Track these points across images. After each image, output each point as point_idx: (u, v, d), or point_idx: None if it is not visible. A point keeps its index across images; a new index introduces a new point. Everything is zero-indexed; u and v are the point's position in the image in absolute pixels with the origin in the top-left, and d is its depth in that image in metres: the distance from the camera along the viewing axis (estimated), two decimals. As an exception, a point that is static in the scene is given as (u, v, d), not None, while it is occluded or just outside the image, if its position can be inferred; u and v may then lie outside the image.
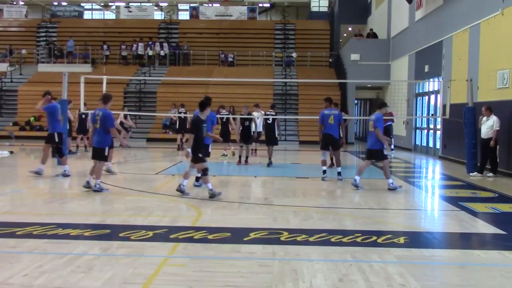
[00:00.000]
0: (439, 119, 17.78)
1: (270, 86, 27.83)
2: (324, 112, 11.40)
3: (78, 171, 11.96)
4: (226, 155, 16.29)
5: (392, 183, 9.87)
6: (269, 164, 13.84)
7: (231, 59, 31.24)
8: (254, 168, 13.59)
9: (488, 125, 12.32)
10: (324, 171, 11.40)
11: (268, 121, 14.20)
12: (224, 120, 15.96)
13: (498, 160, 12.67)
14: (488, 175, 12.44)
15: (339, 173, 11.33)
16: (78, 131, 18.12)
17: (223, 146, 16.26)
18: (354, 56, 26.61)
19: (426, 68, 19.74)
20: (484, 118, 12.46)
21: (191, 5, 38.14)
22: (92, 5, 42.18)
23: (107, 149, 9.39)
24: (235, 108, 18.28)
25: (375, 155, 10.12)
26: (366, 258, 5.29)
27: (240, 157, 14.35)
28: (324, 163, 11.50)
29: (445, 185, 11.54)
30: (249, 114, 14.89)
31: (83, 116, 17.40)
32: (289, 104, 27.19)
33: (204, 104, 8.74)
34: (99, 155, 9.31)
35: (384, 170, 9.99)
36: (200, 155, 8.74)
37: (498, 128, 12.16)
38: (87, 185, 9.25)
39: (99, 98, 9.89)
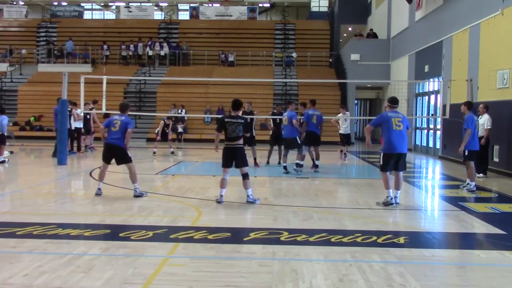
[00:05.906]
0: (439, 119, 17.78)
1: (270, 86, 27.82)
2: (309, 112, 12.82)
3: (78, 171, 11.97)
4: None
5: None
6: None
7: (231, 59, 31.24)
8: (253, 169, 13.57)
9: (480, 124, 12.25)
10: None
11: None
12: (277, 121, 13.95)
13: (489, 160, 12.53)
14: (478, 175, 12.30)
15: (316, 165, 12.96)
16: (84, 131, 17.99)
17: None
18: (354, 56, 26.62)
19: (426, 68, 19.74)
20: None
21: (191, 5, 38.11)
22: (92, 5, 42.19)
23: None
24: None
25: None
26: (366, 258, 5.29)
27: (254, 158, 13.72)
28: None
29: (445, 185, 11.53)
30: (280, 114, 13.97)
31: (88, 116, 17.38)
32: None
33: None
34: (127, 157, 8.87)
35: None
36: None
37: (489, 127, 11.93)
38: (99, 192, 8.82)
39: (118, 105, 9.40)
